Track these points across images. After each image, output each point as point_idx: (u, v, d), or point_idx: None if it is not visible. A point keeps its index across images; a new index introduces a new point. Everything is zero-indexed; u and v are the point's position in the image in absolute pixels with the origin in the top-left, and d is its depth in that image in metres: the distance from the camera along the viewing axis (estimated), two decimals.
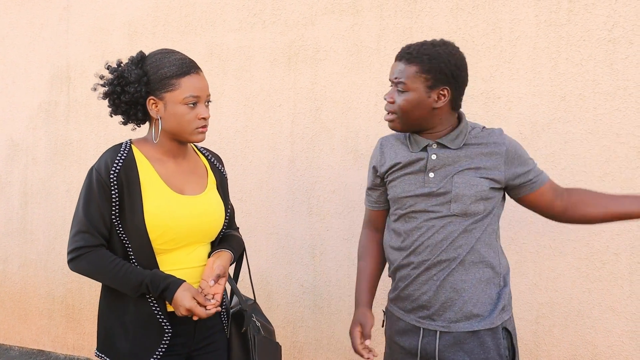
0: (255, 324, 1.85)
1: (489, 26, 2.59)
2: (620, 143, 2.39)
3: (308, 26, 2.97)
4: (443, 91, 1.69)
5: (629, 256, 2.39)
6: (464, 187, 1.69)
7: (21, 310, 3.85)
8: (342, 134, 2.92)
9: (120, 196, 1.69)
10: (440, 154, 1.73)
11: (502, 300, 1.73)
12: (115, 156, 1.72)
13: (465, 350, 1.69)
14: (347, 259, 2.93)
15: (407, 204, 1.77)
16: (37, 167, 3.74)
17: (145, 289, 1.66)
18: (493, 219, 1.75)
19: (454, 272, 1.71)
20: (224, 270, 1.76)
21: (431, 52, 1.68)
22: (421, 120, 1.73)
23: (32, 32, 3.74)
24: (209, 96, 1.77)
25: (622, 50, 2.38)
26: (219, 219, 1.85)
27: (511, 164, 1.72)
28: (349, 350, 2.94)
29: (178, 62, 1.72)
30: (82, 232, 1.68)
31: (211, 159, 1.95)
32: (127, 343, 1.72)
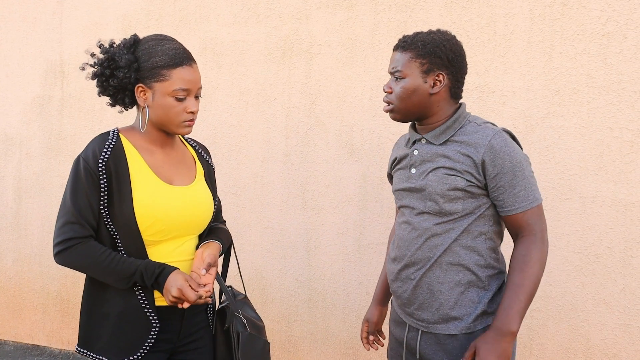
0: (241, 321, 1.81)
1: (483, 20, 2.59)
2: (614, 137, 2.40)
3: (302, 20, 2.97)
4: (439, 76, 1.68)
5: (622, 250, 2.40)
6: (437, 185, 1.65)
7: (15, 305, 3.84)
8: (337, 128, 2.91)
9: (109, 186, 1.63)
10: (422, 149, 1.72)
11: (481, 305, 1.66)
12: (104, 144, 1.67)
13: (445, 350, 1.68)
14: (341, 253, 2.93)
15: (399, 197, 1.80)
16: (31, 162, 3.73)
17: (139, 277, 1.62)
18: (480, 220, 1.66)
19: (429, 272, 1.68)
20: (214, 259, 1.73)
21: (426, 39, 1.69)
22: (419, 108, 1.71)
23: (25, 27, 3.72)
24: (199, 89, 1.72)
25: (616, 44, 2.38)
26: (208, 211, 1.81)
27: (484, 172, 1.62)
28: (343, 343, 2.95)
29: (171, 52, 1.66)
30: (70, 223, 1.63)
31: (198, 150, 1.92)
32: (112, 337, 1.67)
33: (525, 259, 1.60)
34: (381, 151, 2.82)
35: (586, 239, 2.46)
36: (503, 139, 1.62)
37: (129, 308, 1.67)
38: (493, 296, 1.68)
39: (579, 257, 2.47)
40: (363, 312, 2.90)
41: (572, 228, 2.47)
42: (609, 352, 2.43)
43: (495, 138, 1.61)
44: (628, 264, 2.39)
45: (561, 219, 2.48)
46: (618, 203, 2.39)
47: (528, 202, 1.62)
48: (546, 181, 2.49)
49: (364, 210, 2.87)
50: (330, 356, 2.99)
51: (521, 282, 1.58)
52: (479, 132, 1.65)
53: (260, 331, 1.88)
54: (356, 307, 2.91)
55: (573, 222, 2.46)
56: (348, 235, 2.92)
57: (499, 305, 1.60)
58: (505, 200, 1.62)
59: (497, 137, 1.62)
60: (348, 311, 2.94)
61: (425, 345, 1.72)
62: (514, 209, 1.62)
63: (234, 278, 2.81)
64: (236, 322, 1.80)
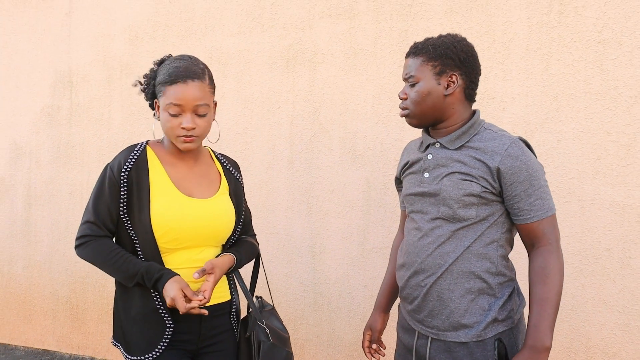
0: (264, 330, 1.86)
1: (483, 28, 2.65)
2: (611, 141, 2.45)
3: (306, 30, 3.03)
4: (452, 77, 1.67)
5: (620, 251, 2.44)
6: (452, 190, 1.64)
7: (26, 310, 3.90)
8: (340, 135, 2.97)
9: (129, 194, 1.76)
10: (437, 154, 1.71)
11: (492, 312, 1.65)
12: (129, 155, 1.80)
13: (455, 357, 1.67)
14: (346, 258, 2.99)
15: (410, 202, 1.79)
16: (40, 170, 3.79)
17: (141, 278, 1.72)
18: (492, 227, 1.66)
19: (440, 280, 1.67)
20: (212, 267, 1.76)
21: (436, 42, 1.70)
22: (434, 110, 1.70)
23: (34, 38, 3.79)
24: (198, 107, 1.75)
25: (612, 51, 2.44)
26: (227, 224, 1.88)
27: (500, 180, 1.62)
28: (349, 346, 3.00)
29: (172, 70, 1.75)
30: (89, 223, 1.78)
31: (227, 165, 1.99)
32: (133, 335, 1.80)
33: (546, 271, 1.60)
34: (384, 157, 2.87)
35: (585, 241, 2.50)
36: (520, 147, 1.62)
37: (147, 309, 1.78)
38: (503, 303, 1.67)
39: (579, 259, 2.51)
40: (368, 315, 2.94)
41: (571, 230, 2.52)
42: (608, 351, 2.48)
43: (512, 147, 1.61)
44: (626, 265, 2.44)
45: (560, 222, 2.52)
46: (616, 205, 2.44)
47: (543, 211, 1.62)
48: None
49: (368, 215, 2.93)
50: (336, 359, 3.03)
51: (546, 296, 1.58)
52: (495, 140, 1.64)
53: (284, 342, 1.92)
54: (361, 310, 2.96)
55: (572, 225, 2.51)
56: (352, 240, 2.97)
57: (529, 322, 1.59)
58: (521, 209, 1.62)
59: (514, 145, 1.61)
60: (353, 314, 2.99)
61: (435, 352, 1.70)
62: (529, 218, 1.62)
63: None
64: (259, 332, 1.86)
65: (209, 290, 1.72)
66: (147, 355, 1.77)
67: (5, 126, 3.91)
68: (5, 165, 3.91)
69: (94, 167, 3.62)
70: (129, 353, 1.80)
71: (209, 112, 1.79)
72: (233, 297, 1.95)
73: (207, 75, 1.80)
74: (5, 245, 3.94)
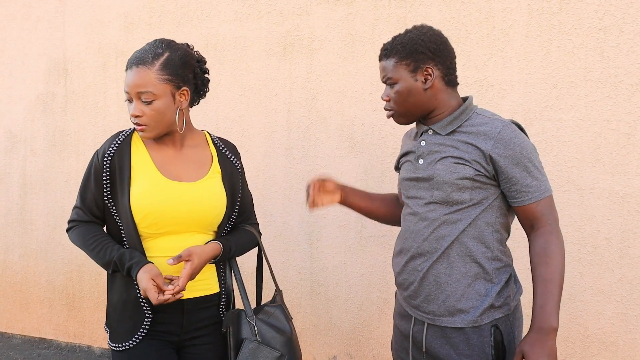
0: (253, 328, 1.78)
1: (482, 15, 2.62)
2: (611, 129, 2.43)
3: (303, 16, 3.00)
4: (427, 70, 1.69)
5: (619, 241, 2.44)
6: (445, 174, 1.65)
7: (22, 299, 3.90)
8: (338, 122, 2.95)
9: (112, 179, 1.75)
10: (430, 140, 1.73)
11: (489, 299, 1.65)
12: (113, 141, 1.79)
13: (451, 344, 1.68)
14: (343, 246, 2.98)
15: (405, 188, 1.81)
16: (35, 158, 3.77)
17: (115, 266, 1.71)
18: (487, 211, 1.66)
19: (436, 264, 1.68)
20: (190, 255, 1.68)
21: (404, 40, 1.71)
22: (418, 106, 1.73)
23: (28, 25, 3.75)
24: (140, 94, 1.69)
25: (613, 38, 2.41)
26: (214, 209, 1.81)
27: (494, 164, 1.63)
28: (346, 334, 3.00)
29: (132, 55, 1.75)
30: (77, 208, 1.81)
31: (223, 149, 1.93)
32: (115, 322, 1.80)
33: (547, 252, 1.61)
34: (382, 145, 2.85)
35: (584, 230, 2.49)
36: (512, 130, 1.63)
37: (129, 297, 1.77)
38: (500, 290, 1.67)
39: (577, 248, 2.51)
40: (365, 303, 2.94)
41: (570, 219, 2.51)
42: (606, 341, 2.48)
43: (504, 130, 1.62)
44: (625, 255, 2.43)
45: (559, 210, 2.51)
46: (615, 194, 2.43)
47: (540, 192, 1.63)
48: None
49: None
50: (333, 347, 3.04)
51: (549, 277, 1.59)
52: (488, 124, 1.65)
53: (282, 343, 1.81)
54: (358, 298, 2.96)
55: (571, 214, 2.50)
56: (350, 228, 2.96)
57: (535, 304, 1.59)
58: (518, 191, 1.63)
59: (506, 128, 1.62)
60: (350, 302, 2.98)
61: (431, 338, 1.71)
62: (526, 200, 1.63)
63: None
64: (243, 328, 1.78)
65: (183, 278, 1.64)
66: (126, 343, 1.76)
67: (0, 114, 3.87)
68: (0, 154, 3.89)
69: (89, 154, 3.59)
70: (111, 340, 1.81)
71: (157, 100, 1.70)
72: (222, 290, 1.87)
73: (160, 62, 1.70)
74: (1, 234, 3.92)
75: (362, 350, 2.96)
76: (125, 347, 1.76)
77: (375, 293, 2.92)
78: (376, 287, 2.92)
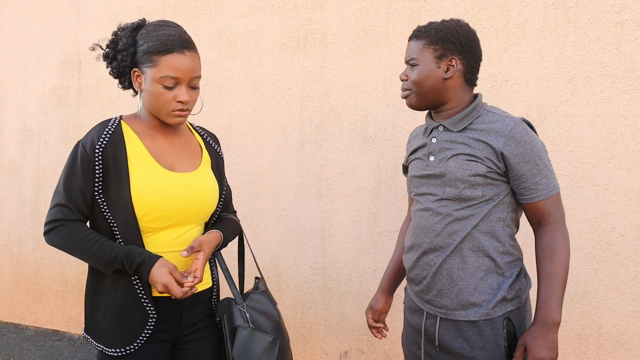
0: (245, 315, 1.76)
1: (497, 9, 2.60)
2: (627, 125, 2.40)
3: (316, 10, 2.99)
4: (452, 61, 1.72)
5: (635, 237, 2.41)
6: (458, 170, 1.67)
7: (36, 291, 3.93)
8: (351, 117, 2.94)
9: (106, 172, 1.62)
10: (441, 137, 1.75)
11: (501, 291, 1.68)
12: (102, 131, 1.65)
13: (464, 337, 1.70)
14: (355, 241, 2.97)
15: (415, 185, 1.83)
16: (49, 151, 3.79)
17: (120, 264, 1.59)
18: (498, 207, 1.69)
19: (449, 258, 1.70)
20: (200, 244, 1.66)
21: (438, 26, 1.74)
22: (434, 93, 1.74)
23: (43, 18, 3.77)
24: (193, 79, 1.65)
25: (630, 32, 2.38)
26: (211, 199, 1.78)
27: (505, 161, 1.66)
28: (357, 329, 3.00)
29: (164, 38, 1.62)
30: (60, 205, 1.63)
31: (206, 138, 1.88)
32: (109, 326, 1.67)
33: (553, 248, 1.66)
34: (395, 140, 2.84)
35: (599, 227, 2.47)
36: (523, 128, 1.66)
37: (127, 298, 1.66)
38: (512, 283, 1.70)
39: (592, 245, 2.48)
40: None
41: (585, 216, 2.48)
42: (620, 339, 2.45)
43: (516, 127, 1.65)
44: None
45: (574, 207, 2.49)
46: (631, 191, 2.40)
47: (549, 190, 1.67)
48: (559, 169, 2.51)
49: (378, 198, 2.91)
50: (345, 342, 3.03)
51: (554, 272, 1.64)
52: (499, 122, 1.68)
53: (272, 327, 1.81)
54: (370, 293, 2.95)
55: (586, 210, 2.48)
56: (362, 223, 2.95)
57: (539, 298, 1.64)
58: (527, 188, 1.67)
59: (517, 126, 1.66)
60: (362, 298, 2.98)
61: (444, 332, 1.73)
62: (535, 197, 1.67)
63: (249, 266, 2.85)
64: (236, 316, 1.76)
65: (200, 268, 1.62)
66: (127, 348, 1.66)
67: (15, 107, 3.90)
68: (15, 147, 3.91)
69: None
70: (106, 345, 1.67)
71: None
72: (214, 284, 1.85)
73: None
74: (15, 227, 3.95)
75: (373, 346, 2.96)
76: (125, 351, 1.66)
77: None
78: None
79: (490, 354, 1.67)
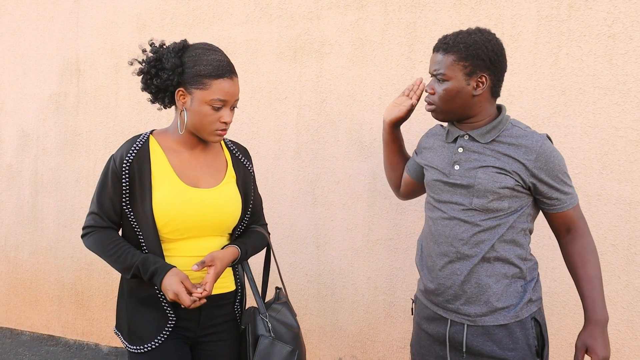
0: (267, 324, 1.85)
1: (491, 21, 2.64)
2: (619, 137, 2.43)
3: (314, 20, 3.02)
4: (482, 78, 1.72)
5: (625, 247, 2.44)
6: (487, 182, 1.70)
7: (32, 296, 3.93)
8: (347, 126, 2.97)
9: (132, 185, 1.76)
10: (468, 146, 1.77)
11: (527, 294, 1.75)
12: (131, 147, 1.79)
13: (494, 340, 1.73)
14: (350, 249, 2.99)
15: (436, 192, 1.84)
16: (47, 157, 3.81)
17: (137, 270, 1.71)
18: (521, 217, 1.75)
19: (477, 267, 1.73)
20: (213, 260, 1.75)
21: (467, 40, 1.71)
22: (462, 109, 1.76)
23: (42, 25, 3.80)
24: (236, 101, 1.79)
25: (622, 45, 2.42)
26: (232, 213, 1.86)
27: (535, 176, 1.71)
28: (351, 336, 3.01)
29: (215, 63, 1.74)
30: (93, 214, 1.81)
31: (236, 153, 1.97)
32: (131, 324, 1.81)
33: (588, 251, 1.77)
34: None
35: None
36: (550, 144, 1.73)
37: (149, 298, 1.80)
38: (534, 285, 1.79)
39: None
40: (371, 306, 2.95)
41: None
42: (612, 348, 2.47)
43: (544, 144, 1.71)
44: (632, 261, 2.43)
45: None
46: (622, 201, 2.43)
47: (574, 200, 1.77)
48: None
49: (373, 206, 2.93)
50: (339, 349, 3.05)
51: (594, 273, 1.75)
52: (527, 137, 1.72)
53: (292, 338, 1.88)
54: (364, 301, 2.97)
55: None
56: (357, 231, 2.97)
57: (586, 300, 1.74)
58: (558, 199, 1.74)
59: (545, 142, 1.72)
60: (356, 305, 3.00)
61: (472, 337, 1.75)
62: (564, 207, 1.76)
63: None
64: (258, 325, 1.85)
65: (209, 282, 1.70)
66: (148, 345, 1.78)
67: (13, 113, 3.92)
68: (13, 152, 3.93)
69: (100, 155, 3.63)
70: (130, 342, 1.81)
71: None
72: (238, 288, 1.94)
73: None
74: (12, 232, 3.97)
75: (367, 353, 2.98)
76: (147, 348, 1.78)
77: (382, 296, 2.93)
78: (382, 290, 2.93)
79: (522, 354, 1.72)
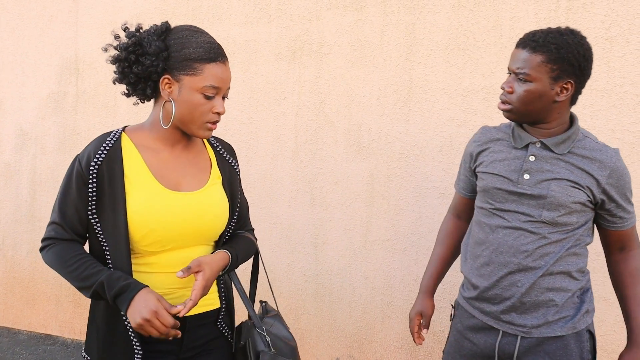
0: (265, 338, 1.65)
1: (490, 23, 2.65)
2: (616, 139, 2.45)
3: (313, 21, 3.03)
4: (567, 84, 1.59)
5: None
6: (561, 196, 1.61)
7: (30, 295, 3.93)
8: (345, 126, 2.98)
9: (100, 192, 1.48)
10: (540, 156, 1.66)
11: (585, 304, 1.69)
12: (100, 145, 1.51)
13: (547, 351, 1.66)
14: (348, 249, 3.00)
15: (497, 200, 1.71)
16: (45, 156, 3.81)
17: (101, 288, 1.43)
18: (585, 232, 1.69)
19: (540, 280, 1.65)
20: (199, 265, 1.49)
21: (559, 41, 1.56)
22: (539, 113, 1.63)
23: (41, 24, 3.80)
24: (228, 90, 1.56)
25: (619, 48, 2.44)
26: (219, 219, 1.62)
27: (605, 192, 1.64)
28: (349, 337, 3.02)
29: (206, 45, 1.50)
30: (55, 224, 1.52)
31: (220, 151, 1.71)
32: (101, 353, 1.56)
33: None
34: (388, 150, 2.88)
35: None
36: (621, 160, 1.66)
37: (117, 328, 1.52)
38: (589, 296, 1.74)
39: None
40: (369, 306, 2.96)
41: None
42: (607, 348, 2.49)
43: (618, 159, 1.64)
44: None
45: None
46: None
47: (634, 219, 1.72)
48: None
49: (371, 207, 2.94)
50: (336, 349, 3.06)
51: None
52: (601, 151, 1.64)
53: (290, 352, 1.70)
54: (362, 301, 2.98)
55: None
56: (355, 232, 2.98)
57: (632, 322, 1.71)
58: (621, 217, 1.69)
59: (619, 158, 1.65)
60: (354, 305, 3.01)
61: (523, 349, 1.69)
62: (626, 225, 1.71)
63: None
64: (257, 340, 1.65)
65: (196, 290, 1.45)
66: None
67: (12, 112, 3.92)
68: (11, 151, 3.93)
69: None
70: None
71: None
72: (223, 304, 1.69)
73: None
74: (10, 230, 3.97)
75: (364, 353, 2.99)
76: None
77: (379, 296, 2.95)
78: (380, 290, 2.94)
79: None
